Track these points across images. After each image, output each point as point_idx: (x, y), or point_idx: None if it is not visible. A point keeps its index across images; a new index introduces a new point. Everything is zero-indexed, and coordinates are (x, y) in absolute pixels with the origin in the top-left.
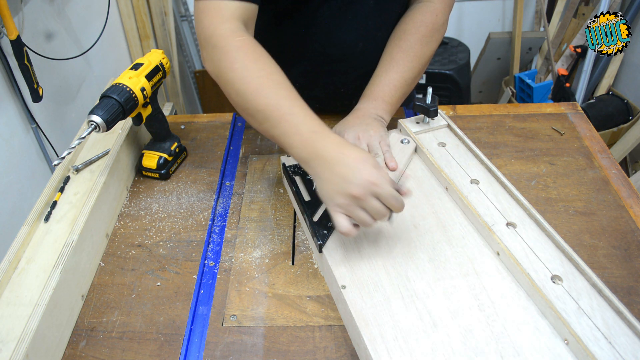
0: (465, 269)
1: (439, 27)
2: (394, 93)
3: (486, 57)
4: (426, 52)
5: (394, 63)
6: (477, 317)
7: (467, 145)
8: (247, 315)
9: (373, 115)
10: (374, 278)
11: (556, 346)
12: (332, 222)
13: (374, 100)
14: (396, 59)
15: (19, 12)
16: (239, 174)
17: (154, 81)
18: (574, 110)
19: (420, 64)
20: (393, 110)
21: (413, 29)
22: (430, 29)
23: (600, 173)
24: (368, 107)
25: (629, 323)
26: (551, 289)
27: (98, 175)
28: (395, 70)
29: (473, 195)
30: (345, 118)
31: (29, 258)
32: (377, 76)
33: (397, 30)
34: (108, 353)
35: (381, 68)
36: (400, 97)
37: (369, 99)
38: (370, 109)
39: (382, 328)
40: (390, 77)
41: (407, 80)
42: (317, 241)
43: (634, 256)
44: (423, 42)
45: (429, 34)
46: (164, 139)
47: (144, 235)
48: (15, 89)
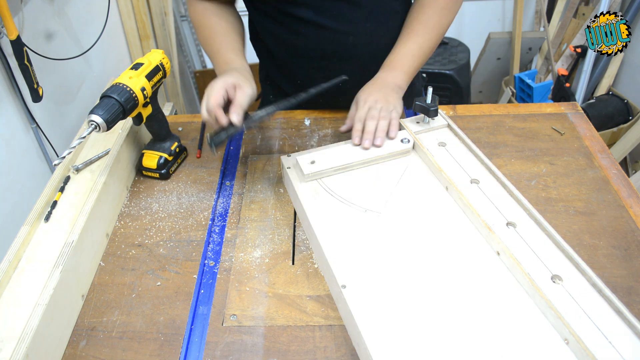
0: (466, 268)
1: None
2: (412, 63)
3: (486, 57)
4: (444, 23)
5: (412, 34)
6: (478, 316)
7: (467, 145)
8: (247, 315)
9: (391, 85)
10: (374, 278)
11: (556, 346)
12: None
13: (393, 70)
14: (415, 30)
15: (19, 12)
16: (239, 174)
17: (154, 81)
18: (574, 110)
19: (438, 34)
20: (410, 78)
21: (432, 1)
22: (447, 0)
23: (600, 173)
24: (387, 77)
25: (629, 323)
26: (551, 289)
27: (98, 175)
28: (413, 40)
29: (473, 195)
30: (367, 85)
31: (29, 258)
32: (396, 47)
33: (415, 3)
34: (108, 353)
35: (401, 39)
36: (418, 66)
37: (389, 69)
38: (389, 78)
39: (382, 328)
40: (409, 47)
41: (426, 51)
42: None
43: (634, 256)
44: (442, 14)
45: (447, 5)
46: (164, 138)
47: (144, 235)
48: (15, 89)
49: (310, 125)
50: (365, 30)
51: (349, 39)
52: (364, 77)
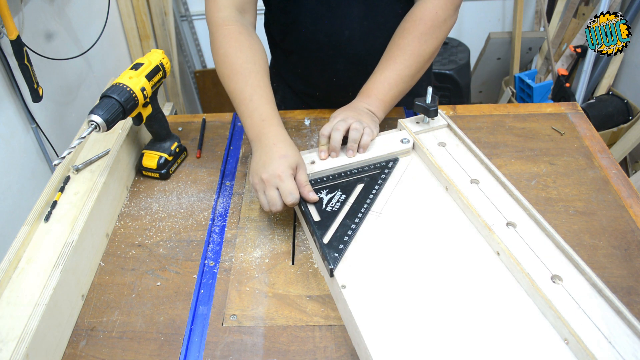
0: (465, 268)
1: (439, 23)
2: (388, 91)
3: (486, 57)
4: (425, 49)
5: (390, 61)
6: (477, 316)
7: (467, 145)
8: (247, 315)
9: (364, 109)
10: (374, 278)
11: (556, 346)
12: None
13: (367, 97)
14: (393, 57)
15: (19, 12)
16: (239, 174)
17: (154, 81)
18: (574, 110)
19: (418, 61)
20: (386, 107)
21: (412, 26)
22: (429, 26)
23: (600, 173)
24: (359, 104)
25: (629, 323)
26: (551, 288)
27: (98, 175)
28: (391, 68)
29: (473, 195)
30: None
31: (29, 258)
32: (373, 74)
33: (398, 28)
34: (108, 353)
35: (379, 67)
36: (396, 95)
37: (362, 96)
38: (361, 105)
39: (382, 328)
40: (385, 75)
41: (404, 78)
42: (328, 265)
43: (634, 256)
44: (421, 39)
45: (428, 31)
46: (164, 138)
47: (144, 235)
48: (15, 89)
49: (310, 125)
50: (362, 27)
51: (344, 33)
52: (359, 75)
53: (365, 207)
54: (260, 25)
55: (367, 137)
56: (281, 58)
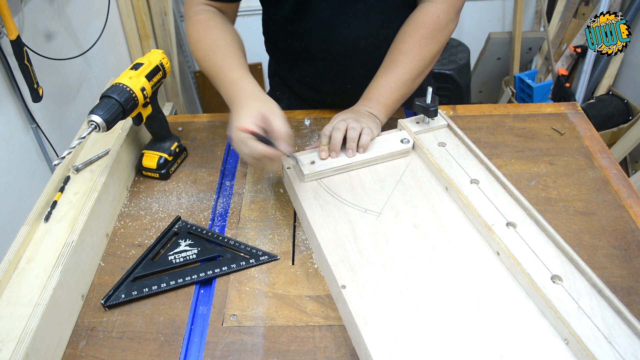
0: (465, 268)
1: (441, 27)
2: (390, 95)
3: (486, 57)
4: (426, 53)
5: (392, 65)
6: (477, 316)
7: (467, 145)
8: (247, 315)
9: (364, 112)
10: (374, 278)
11: (556, 346)
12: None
13: (369, 101)
14: (395, 61)
15: (19, 12)
16: (239, 174)
17: (154, 81)
18: (574, 110)
19: (420, 65)
20: (388, 110)
21: (413, 30)
22: (430, 30)
23: (600, 173)
24: (359, 107)
25: (629, 323)
26: (551, 289)
27: (98, 175)
28: (392, 72)
29: (473, 195)
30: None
31: (29, 258)
32: (375, 79)
33: (399, 32)
34: (108, 353)
35: (380, 71)
36: (398, 99)
37: (364, 100)
38: (362, 108)
39: (382, 328)
40: (386, 79)
41: (406, 82)
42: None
43: (634, 256)
44: (423, 43)
45: (430, 35)
46: (164, 138)
47: (144, 235)
48: (15, 89)
49: (310, 125)
50: (379, 35)
51: (361, 42)
52: (368, 78)
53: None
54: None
55: (366, 136)
56: (285, 66)
